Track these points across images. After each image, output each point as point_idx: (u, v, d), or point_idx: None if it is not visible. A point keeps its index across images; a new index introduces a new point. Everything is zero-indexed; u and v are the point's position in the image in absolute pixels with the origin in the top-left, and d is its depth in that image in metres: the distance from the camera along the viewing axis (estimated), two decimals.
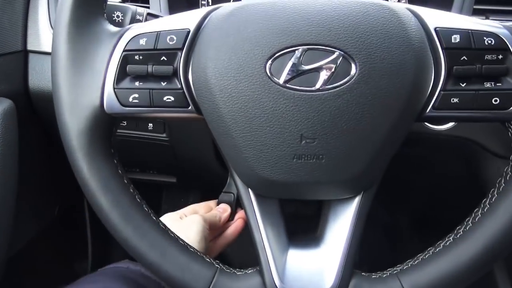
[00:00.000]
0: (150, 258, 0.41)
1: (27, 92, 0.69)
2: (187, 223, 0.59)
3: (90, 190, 0.41)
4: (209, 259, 0.42)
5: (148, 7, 0.64)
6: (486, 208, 0.40)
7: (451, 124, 0.62)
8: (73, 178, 0.42)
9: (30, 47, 0.68)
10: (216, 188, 0.70)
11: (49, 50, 0.66)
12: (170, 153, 0.74)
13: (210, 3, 0.75)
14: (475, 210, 0.41)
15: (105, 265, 0.65)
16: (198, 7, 0.74)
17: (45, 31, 0.68)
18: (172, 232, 0.43)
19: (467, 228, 0.40)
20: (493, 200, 0.40)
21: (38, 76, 0.68)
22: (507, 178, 0.40)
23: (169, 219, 0.60)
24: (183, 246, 0.42)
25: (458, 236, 0.41)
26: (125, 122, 0.67)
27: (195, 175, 0.85)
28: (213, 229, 0.63)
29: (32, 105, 0.70)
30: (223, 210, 0.66)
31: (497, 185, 0.41)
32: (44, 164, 0.85)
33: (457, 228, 0.42)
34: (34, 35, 0.69)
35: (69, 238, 1.14)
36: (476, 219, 0.40)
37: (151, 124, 0.69)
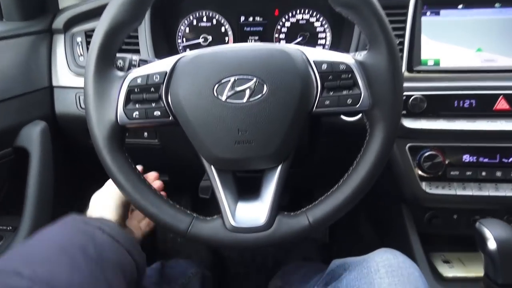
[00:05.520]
0: (150, 211, 0.58)
1: (54, 115, 0.91)
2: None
3: (111, 172, 0.57)
4: (188, 211, 0.59)
5: (139, 53, 0.86)
6: (356, 161, 0.58)
7: (358, 116, 0.83)
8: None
9: (54, 83, 0.91)
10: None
11: (67, 85, 0.91)
12: (161, 155, 0.93)
13: (183, 49, 0.96)
14: (353, 163, 0.59)
15: None
16: (177, 50, 0.96)
17: (64, 71, 0.91)
18: (162, 195, 0.59)
19: (346, 176, 0.58)
20: (359, 156, 0.58)
21: (61, 104, 0.90)
22: (366, 141, 0.58)
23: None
24: (173, 204, 0.59)
25: (341, 181, 0.58)
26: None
27: (182, 172, 0.99)
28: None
29: (57, 124, 0.91)
30: None
31: (364, 145, 0.59)
32: (64, 166, 1.02)
33: (344, 176, 0.59)
34: (55, 74, 0.92)
35: None
36: (351, 169, 0.58)
37: (146, 133, 0.91)
